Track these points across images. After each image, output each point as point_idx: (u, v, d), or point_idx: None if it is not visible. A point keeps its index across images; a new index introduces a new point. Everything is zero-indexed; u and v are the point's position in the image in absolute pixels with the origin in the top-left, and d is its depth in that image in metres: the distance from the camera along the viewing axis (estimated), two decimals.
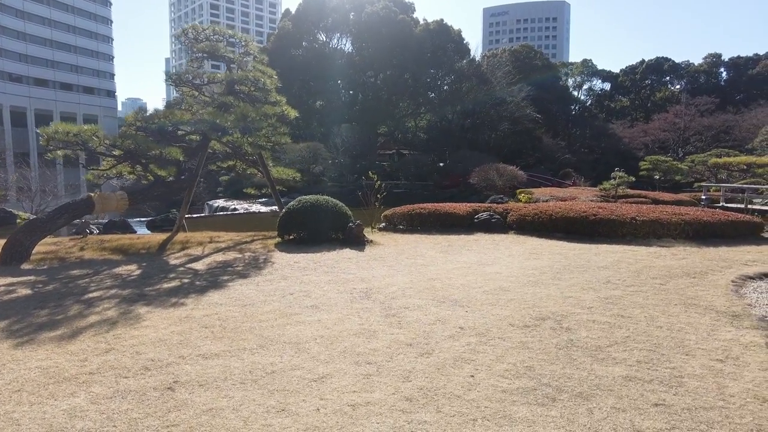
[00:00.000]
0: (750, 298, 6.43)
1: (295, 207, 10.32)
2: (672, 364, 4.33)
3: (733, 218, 11.44)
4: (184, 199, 13.44)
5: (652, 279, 7.32)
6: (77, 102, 70.61)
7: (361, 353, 4.58)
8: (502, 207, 13.34)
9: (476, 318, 5.53)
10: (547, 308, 5.85)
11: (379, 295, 6.48)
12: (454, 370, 4.20)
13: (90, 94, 74.01)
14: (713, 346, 4.75)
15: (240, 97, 12.68)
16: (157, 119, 10.41)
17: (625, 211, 11.50)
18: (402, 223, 13.32)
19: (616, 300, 6.19)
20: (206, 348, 4.74)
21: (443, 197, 31.84)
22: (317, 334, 5.08)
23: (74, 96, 70.74)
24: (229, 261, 8.73)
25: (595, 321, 5.40)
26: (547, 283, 7.00)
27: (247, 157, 13.55)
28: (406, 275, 7.56)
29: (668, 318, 5.54)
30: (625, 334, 5.01)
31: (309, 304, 6.09)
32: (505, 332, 5.08)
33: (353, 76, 51.95)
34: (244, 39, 13.19)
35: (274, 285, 7.04)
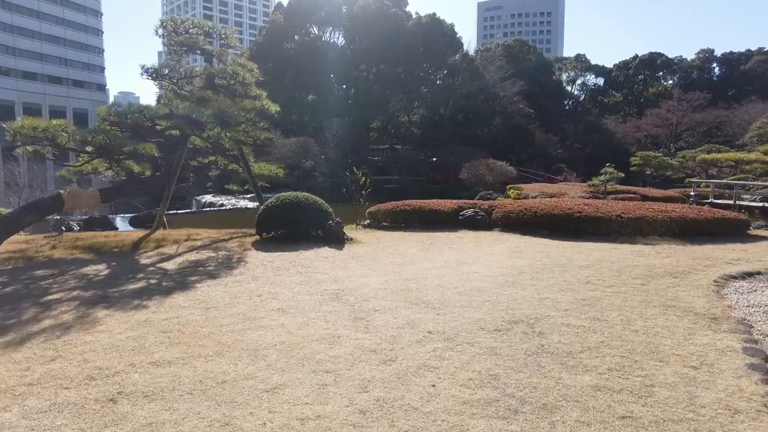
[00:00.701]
0: (730, 299, 6.26)
1: (273, 204, 10.08)
2: (644, 371, 4.15)
3: (719, 215, 11.30)
4: (164, 195, 13.16)
5: (633, 279, 7.15)
6: (67, 95, 69.84)
7: (321, 361, 4.37)
8: (488, 204, 13.15)
9: (447, 321, 5.33)
10: (522, 311, 5.66)
11: (350, 296, 6.27)
12: (416, 379, 4.00)
13: (80, 87, 73.21)
14: (688, 351, 4.57)
15: (220, 91, 12.41)
16: (131, 114, 10.10)
17: (611, 208, 11.33)
18: (386, 220, 13.12)
19: (594, 302, 6.01)
20: (159, 355, 4.52)
21: (434, 193, 31.61)
22: (279, 339, 4.87)
23: (64, 89, 69.95)
24: (202, 260, 8.49)
25: (570, 325, 5.22)
26: (524, 284, 6.81)
27: (228, 153, 13.30)
28: (381, 275, 7.35)
29: (645, 321, 5.36)
30: (599, 339, 4.83)
31: (275, 307, 5.87)
32: (474, 337, 4.89)
33: (346, 71, 51.54)
34: (225, 32, 12.88)
35: (243, 286, 6.81)
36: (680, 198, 20.19)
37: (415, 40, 46.42)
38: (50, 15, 69.27)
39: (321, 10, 51.45)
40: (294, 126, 49.98)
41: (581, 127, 57.99)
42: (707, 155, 23.69)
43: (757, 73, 55.22)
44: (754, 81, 54.30)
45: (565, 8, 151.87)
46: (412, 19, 48.72)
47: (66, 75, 71.09)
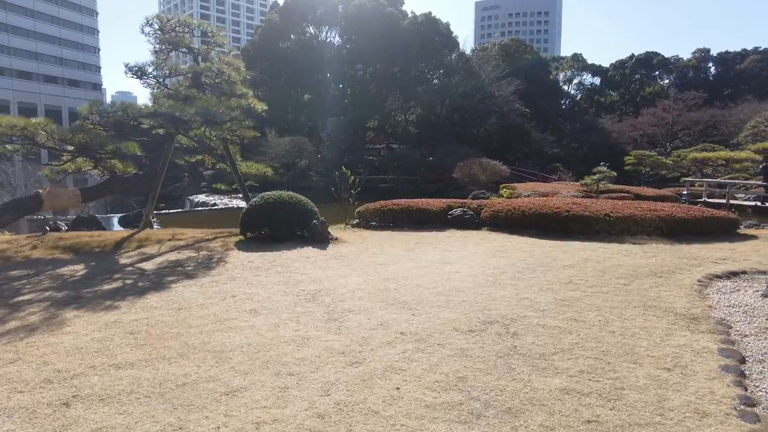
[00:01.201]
0: (712, 299, 6.17)
1: (257, 204, 9.97)
2: (616, 374, 4.05)
3: (708, 214, 11.22)
4: (151, 195, 13.06)
5: (617, 279, 7.06)
6: (62, 95, 69.61)
7: (287, 363, 4.27)
8: (477, 203, 13.05)
9: (421, 322, 5.23)
10: (498, 311, 5.56)
11: (326, 297, 6.17)
12: (381, 382, 3.90)
13: (75, 87, 72.97)
14: (664, 352, 4.48)
15: (206, 89, 12.31)
16: (114, 112, 9.99)
17: (599, 207, 11.24)
18: (375, 219, 13.02)
19: (573, 302, 5.92)
20: (122, 357, 4.41)
21: (428, 192, 31.53)
22: (246, 341, 4.76)
23: (59, 89, 69.73)
24: (182, 260, 8.38)
25: (546, 325, 5.12)
26: (505, 284, 6.71)
27: (215, 152, 13.20)
28: (361, 275, 7.25)
29: (623, 322, 5.27)
30: (574, 341, 4.73)
31: (248, 308, 5.77)
32: (446, 338, 4.79)
33: (342, 70, 51.44)
34: (212, 30, 12.77)
35: (219, 287, 6.71)
36: (673, 197, 20.12)
37: (410, 39, 46.33)
38: (45, 14, 69.04)
39: (317, 9, 51.31)
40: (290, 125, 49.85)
41: (578, 127, 57.93)
42: (698, 154, 23.63)
43: (753, 72, 55.23)
44: (750, 80, 54.32)
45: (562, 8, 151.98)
46: (408, 18, 48.64)
47: (61, 74, 70.86)
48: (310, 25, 52.75)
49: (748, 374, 4.10)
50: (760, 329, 5.08)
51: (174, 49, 12.47)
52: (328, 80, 53.00)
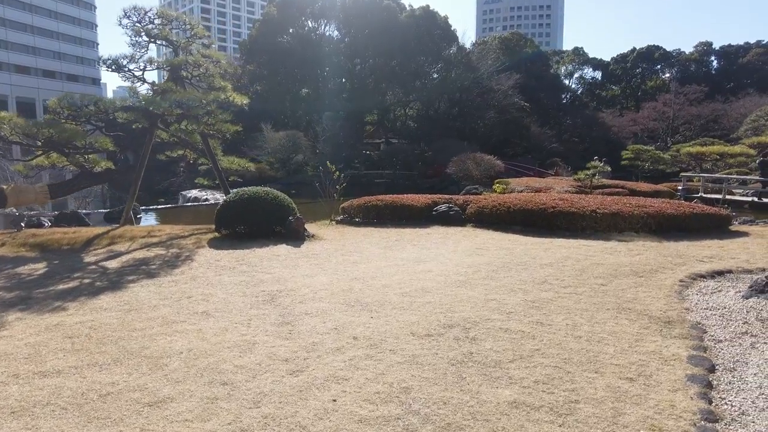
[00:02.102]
0: (691, 300, 5.88)
1: (231, 200, 9.71)
2: (574, 384, 3.77)
3: (698, 211, 10.89)
4: (131, 190, 12.80)
5: (595, 278, 6.76)
6: (61, 90, 69.16)
7: (224, 371, 4.00)
8: (463, 199, 12.75)
9: (378, 325, 4.96)
10: (462, 313, 5.28)
11: (286, 298, 5.90)
12: (318, 393, 3.63)
13: (74, 81, 72.74)
14: (630, 360, 4.19)
15: (185, 83, 12.03)
16: (85, 106, 9.71)
17: (586, 203, 10.93)
18: (359, 215, 12.73)
19: (544, 304, 5.63)
20: (52, 364, 4.15)
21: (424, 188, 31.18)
22: (188, 346, 4.50)
23: (57, 83, 69.45)
24: (149, 258, 8.12)
25: (508, 330, 4.84)
26: (475, 284, 6.43)
27: (197, 146, 12.93)
28: (329, 275, 6.98)
29: (593, 326, 4.98)
30: (535, 347, 4.45)
31: (201, 310, 5.50)
32: (400, 343, 4.51)
33: (340, 64, 51.00)
34: (191, 22, 12.46)
35: (177, 287, 6.44)
36: (669, 193, 19.76)
37: (408, 32, 45.85)
38: (43, 8, 68.71)
39: (315, 2, 50.82)
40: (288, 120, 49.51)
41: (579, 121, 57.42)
42: (691, 148, 23.20)
43: (756, 66, 54.57)
44: (753, 74, 53.68)
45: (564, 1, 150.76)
46: (406, 11, 48.14)
47: (60, 69, 70.62)
48: (309, 18, 52.27)
49: (715, 385, 3.82)
50: (735, 334, 4.79)
51: (153, 41, 12.16)
52: (326, 74, 52.57)
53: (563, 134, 55.95)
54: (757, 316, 5.18)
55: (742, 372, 4.02)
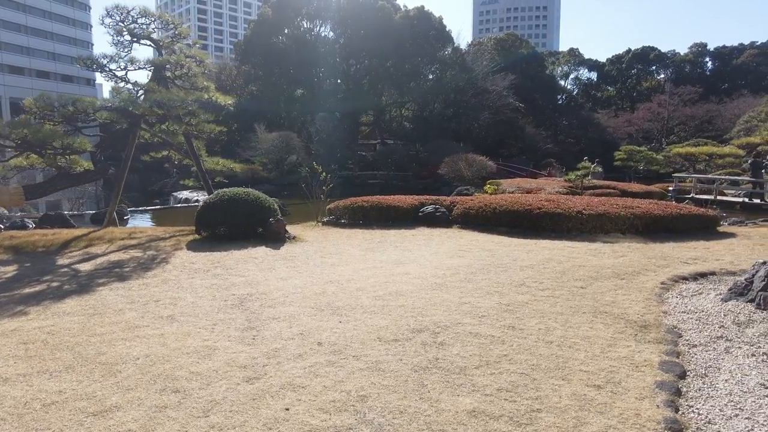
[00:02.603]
0: (670, 303, 5.76)
1: (211, 201, 9.56)
2: (539, 392, 3.64)
3: (685, 212, 10.79)
4: (114, 191, 12.66)
5: (575, 281, 6.64)
6: (55, 90, 68.91)
7: (178, 378, 3.86)
8: (450, 200, 12.63)
9: (345, 330, 4.83)
10: (433, 317, 5.15)
11: (255, 302, 5.76)
12: (272, 401, 3.49)
13: (68, 82, 72.44)
14: (600, 366, 4.07)
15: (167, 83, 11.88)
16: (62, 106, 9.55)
17: (573, 204, 10.82)
18: (345, 216, 12.59)
19: (518, 307, 5.50)
20: (1, 371, 4.01)
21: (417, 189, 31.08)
22: (146, 352, 4.36)
23: (52, 84, 69.12)
24: (124, 260, 7.97)
25: (479, 334, 4.71)
26: (452, 286, 6.30)
27: (181, 147, 12.78)
28: (304, 278, 6.84)
29: (566, 330, 4.86)
30: (504, 352, 4.32)
31: (167, 314, 5.36)
32: (365, 349, 4.38)
33: (335, 64, 50.88)
34: (175, 21, 12.32)
35: (147, 290, 6.30)
36: (660, 193, 19.68)
37: (402, 33, 45.77)
38: (37, 8, 68.40)
39: (311, 3, 50.67)
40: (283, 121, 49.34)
41: (575, 122, 57.39)
42: (681, 148, 23.14)
43: (750, 67, 54.64)
44: (747, 75, 53.75)
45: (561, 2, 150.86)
46: (400, 12, 48.03)
47: (54, 69, 70.29)
48: (304, 19, 52.12)
49: (684, 392, 3.70)
50: (710, 338, 4.67)
51: (135, 41, 12.01)
52: (322, 75, 52.42)
53: (559, 135, 55.92)
54: (734, 319, 5.06)
55: (713, 378, 3.91)
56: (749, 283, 5.71)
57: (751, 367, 4.09)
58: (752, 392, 3.67)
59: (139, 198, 35.90)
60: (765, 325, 4.88)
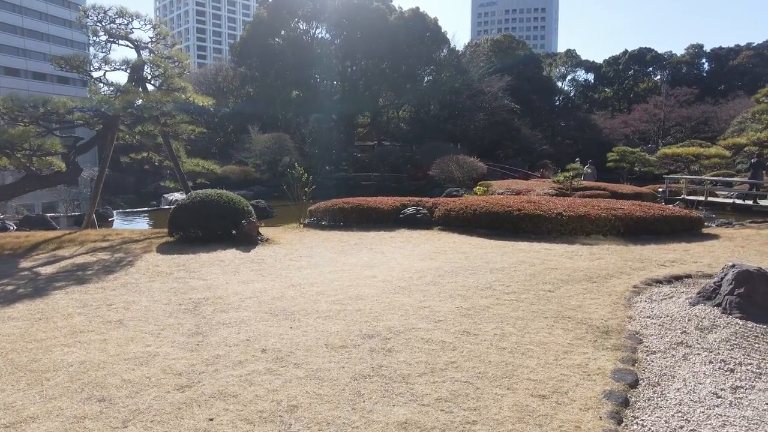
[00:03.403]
0: (637, 308, 5.60)
1: (184, 203, 9.41)
2: (479, 402, 3.48)
3: (668, 213, 10.64)
4: (93, 193, 12.51)
5: (544, 284, 6.48)
6: (51, 92, 68.79)
7: (108, 386, 3.70)
8: (432, 201, 12.47)
9: (294, 336, 4.67)
10: (389, 322, 4.99)
11: (210, 306, 5.60)
12: (198, 411, 3.34)
13: (65, 83, 72.24)
14: (549, 375, 3.91)
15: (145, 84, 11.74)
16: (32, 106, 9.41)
17: (553, 205, 10.66)
18: (325, 218, 12.44)
19: (478, 311, 5.35)
20: None
21: (410, 190, 30.97)
22: (83, 358, 4.20)
23: (48, 86, 68.94)
24: (89, 263, 7.82)
25: (430, 340, 4.55)
26: (416, 290, 6.14)
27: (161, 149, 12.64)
28: (267, 282, 6.68)
29: (523, 336, 4.70)
30: (452, 359, 4.16)
31: (117, 319, 5.20)
32: (309, 356, 4.22)
33: (331, 66, 50.78)
34: (152, 22, 12.17)
35: (103, 294, 6.14)
36: (651, 195, 19.52)
37: (398, 34, 45.67)
38: (33, 10, 68.32)
39: (306, 4, 50.54)
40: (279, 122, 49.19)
41: (572, 123, 57.23)
42: (668, 149, 22.98)
43: (746, 68, 54.50)
44: (743, 76, 53.61)
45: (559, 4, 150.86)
46: (395, 13, 47.92)
47: (50, 71, 70.05)
48: (301, 20, 52.00)
49: (632, 402, 3.54)
50: (670, 345, 4.51)
51: (113, 41, 11.88)
52: (317, 76, 52.31)
53: (556, 136, 55.78)
54: (697, 325, 4.91)
55: (665, 387, 3.75)
56: (717, 287, 5.55)
57: (706, 374, 3.93)
58: (702, 402, 3.51)
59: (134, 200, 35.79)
60: (728, 331, 4.73)
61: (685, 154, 21.04)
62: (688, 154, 20.89)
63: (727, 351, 4.33)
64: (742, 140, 20.59)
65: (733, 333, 4.68)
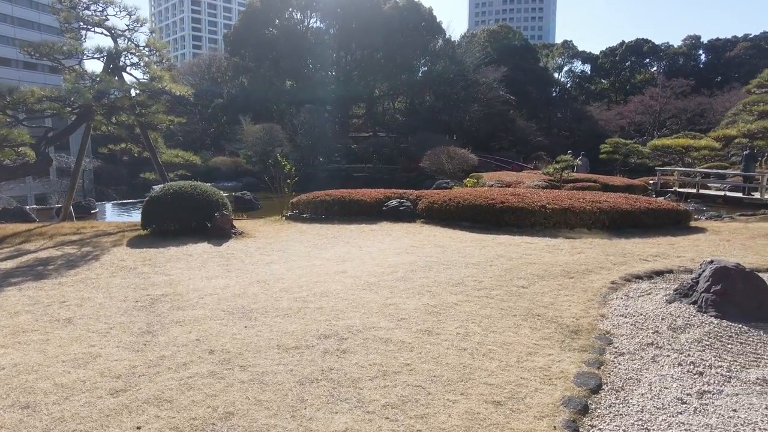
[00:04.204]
0: (611, 305, 5.39)
1: (156, 195, 9.16)
2: (428, 409, 3.27)
3: (654, 206, 10.43)
4: (70, 185, 12.24)
5: (518, 280, 6.27)
6: (43, 82, 68.06)
7: (36, 391, 3.48)
8: (417, 193, 12.23)
9: (247, 336, 4.45)
10: (349, 321, 4.77)
11: (166, 304, 5.37)
12: (126, 418, 3.12)
13: (56, 73, 71.34)
14: (508, 379, 3.70)
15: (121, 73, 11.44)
16: None
17: (537, 198, 10.44)
18: (307, 211, 12.20)
19: (445, 309, 5.13)
20: None
21: (402, 181, 30.71)
22: (18, 360, 3.98)
23: (39, 76, 68.19)
24: (53, 258, 7.58)
25: (389, 340, 4.34)
26: (384, 286, 5.92)
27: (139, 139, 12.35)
28: (232, 277, 6.45)
29: (486, 336, 4.49)
30: (408, 361, 3.95)
31: (66, 317, 4.98)
32: (258, 357, 4.00)
33: (326, 56, 50.26)
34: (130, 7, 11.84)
35: (59, 290, 5.91)
36: (642, 187, 19.32)
37: (392, 24, 45.16)
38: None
39: None
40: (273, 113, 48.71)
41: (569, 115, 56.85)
42: (658, 141, 22.74)
43: (743, 59, 54.11)
44: (739, 68, 53.24)
45: None
46: (390, 2, 47.36)
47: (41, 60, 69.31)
48: (295, 9, 51.36)
49: (592, 409, 3.33)
50: (640, 346, 4.31)
51: (87, 28, 11.55)
52: (312, 67, 51.77)
53: (552, 128, 55.45)
54: (670, 324, 4.70)
55: (629, 392, 3.54)
56: (695, 284, 5.35)
57: (674, 378, 3.73)
58: (666, 409, 3.31)
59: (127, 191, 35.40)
60: (701, 331, 4.52)
61: (674, 146, 20.81)
62: (678, 145, 20.66)
63: (698, 352, 4.13)
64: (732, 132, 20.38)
65: (707, 333, 4.48)
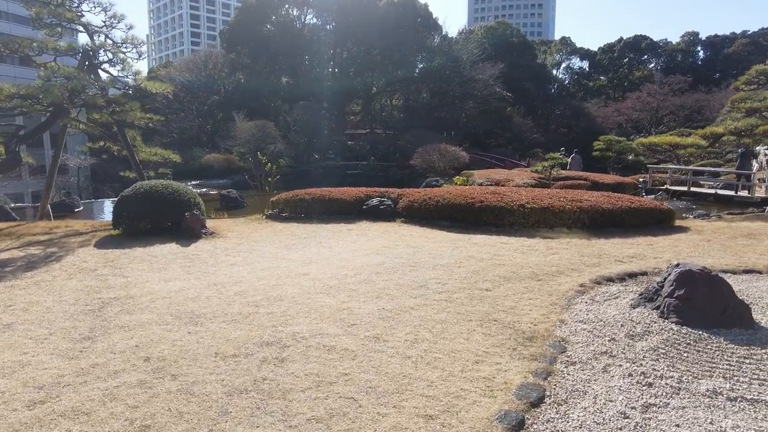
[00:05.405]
0: (573, 310, 5.23)
1: (127, 195, 9.00)
2: (355, 423, 3.12)
3: (636, 205, 10.26)
4: (46, 184, 12.10)
5: (483, 282, 6.12)
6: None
7: None
8: (398, 192, 12.08)
9: (187, 343, 4.30)
10: (297, 327, 4.62)
11: (116, 308, 5.23)
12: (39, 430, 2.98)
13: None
14: (447, 390, 3.55)
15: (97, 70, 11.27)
16: None
17: (517, 197, 10.28)
18: (287, 210, 12.04)
19: (399, 313, 4.98)
20: None
21: (395, 179, 30.56)
22: None
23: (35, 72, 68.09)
24: (13, 259, 7.43)
25: (333, 348, 4.19)
26: (343, 289, 5.77)
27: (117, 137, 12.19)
28: (192, 279, 6.30)
29: (435, 342, 4.34)
30: (347, 370, 3.80)
31: (6, 322, 4.83)
32: (193, 366, 3.85)
33: (322, 52, 50.04)
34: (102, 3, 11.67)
35: (9, 293, 5.76)
36: (633, 185, 19.15)
37: (388, 20, 44.90)
38: None
39: None
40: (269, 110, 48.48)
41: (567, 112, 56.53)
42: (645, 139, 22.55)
43: (741, 56, 53.78)
44: (738, 64, 52.85)
45: None
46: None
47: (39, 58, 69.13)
48: (291, 6, 51.10)
49: (529, 424, 3.18)
50: (594, 354, 4.15)
51: (62, 24, 11.38)
52: (308, 63, 51.55)
53: (550, 125, 55.18)
54: (628, 331, 4.55)
55: (571, 405, 3.39)
56: (660, 288, 5.20)
57: (621, 389, 3.58)
58: (606, 424, 3.16)
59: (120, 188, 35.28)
60: (659, 338, 4.37)
61: (662, 144, 20.60)
62: (665, 143, 20.46)
63: (651, 362, 3.97)
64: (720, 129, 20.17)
65: (664, 341, 4.33)
